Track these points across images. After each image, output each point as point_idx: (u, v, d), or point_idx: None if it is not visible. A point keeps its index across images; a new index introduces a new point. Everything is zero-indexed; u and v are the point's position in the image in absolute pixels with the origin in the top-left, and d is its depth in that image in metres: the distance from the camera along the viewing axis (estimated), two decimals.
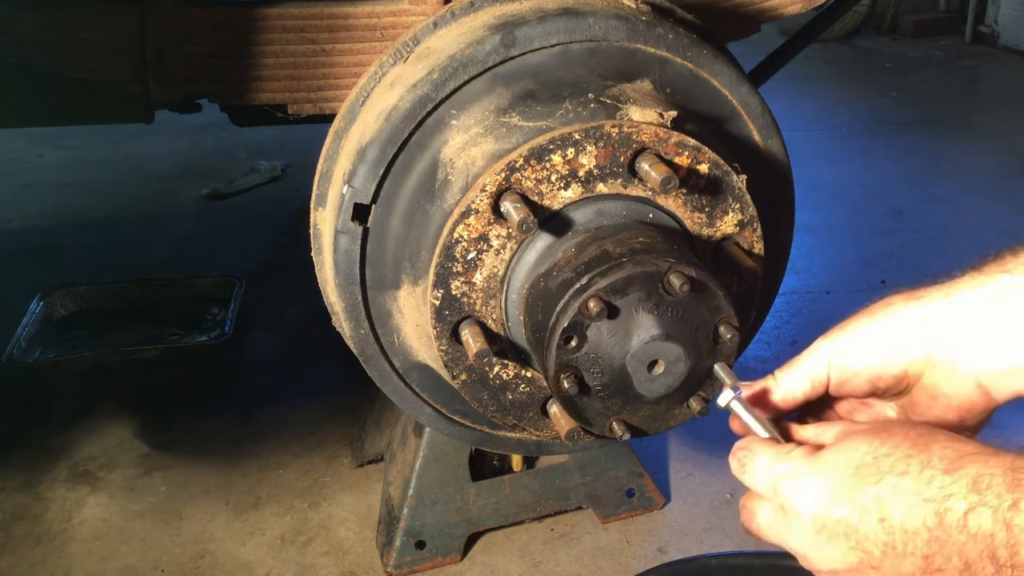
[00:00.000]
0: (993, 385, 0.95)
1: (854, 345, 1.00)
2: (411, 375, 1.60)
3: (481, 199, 1.29)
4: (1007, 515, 0.73)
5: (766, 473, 0.91)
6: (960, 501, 0.76)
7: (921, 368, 0.98)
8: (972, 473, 0.77)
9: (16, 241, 3.65)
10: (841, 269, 3.40)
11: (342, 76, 1.83)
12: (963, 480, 0.77)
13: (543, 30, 1.42)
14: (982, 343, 0.94)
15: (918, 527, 0.78)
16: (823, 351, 1.02)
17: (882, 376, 0.99)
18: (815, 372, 1.02)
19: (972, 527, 0.75)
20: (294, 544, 2.14)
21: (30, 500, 2.27)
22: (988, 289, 0.95)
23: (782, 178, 1.64)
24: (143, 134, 4.48)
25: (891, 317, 0.99)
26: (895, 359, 0.98)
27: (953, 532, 0.76)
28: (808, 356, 1.03)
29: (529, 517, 2.14)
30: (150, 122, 2.09)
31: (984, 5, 6.73)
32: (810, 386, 1.03)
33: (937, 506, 0.77)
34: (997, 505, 0.74)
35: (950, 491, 0.77)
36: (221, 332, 2.86)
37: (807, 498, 0.86)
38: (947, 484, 0.78)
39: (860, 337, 1.00)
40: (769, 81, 2.47)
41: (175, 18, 1.76)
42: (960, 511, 0.76)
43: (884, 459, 0.82)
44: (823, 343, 1.02)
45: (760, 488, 0.92)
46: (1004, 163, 4.45)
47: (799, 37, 2.57)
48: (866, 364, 0.99)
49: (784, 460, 0.90)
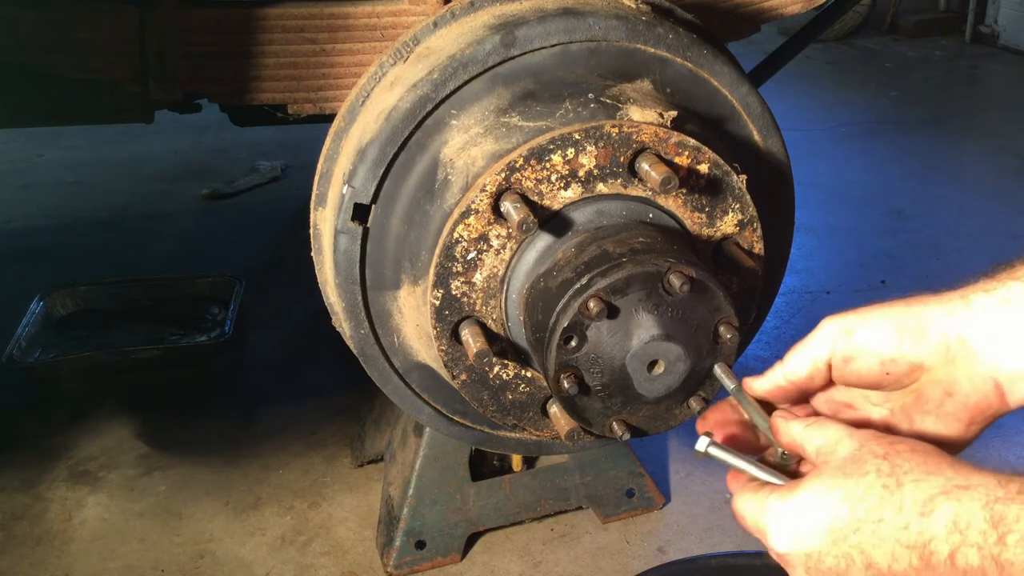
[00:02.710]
0: (1010, 388, 0.95)
1: (869, 325, 0.98)
2: (411, 375, 1.59)
3: (481, 199, 1.29)
4: (994, 550, 0.73)
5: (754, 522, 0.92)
6: (943, 544, 0.77)
7: (938, 361, 0.96)
8: (948, 514, 0.77)
9: (16, 241, 3.65)
10: (841, 269, 3.41)
11: (342, 76, 1.83)
12: (940, 522, 0.77)
13: (543, 30, 1.42)
14: (1001, 344, 0.94)
15: (905, 569, 0.79)
16: (829, 328, 1.00)
17: (896, 361, 0.97)
18: (816, 352, 1.01)
19: (960, 565, 0.75)
20: (294, 544, 2.14)
21: (30, 500, 2.27)
22: (1000, 295, 0.94)
23: (782, 178, 1.64)
24: (143, 134, 4.49)
25: (911, 308, 0.98)
26: (913, 345, 0.96)
27: (941, 569, 0.77)
28: (812, 336, 1.02)
29: (529, 517, 2.14)
30: (150, 122, 2.10)
31: (984, 5, 6.73)
32: (808, 369, 1.02)
33: (920, 551, 0.78)
34: (982, 543, 0.74)
35: (930, 534, 0.77)
36: (221, 332, 2.86)
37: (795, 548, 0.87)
38: (925, 528, 0.78)
39: (876, 319, 0.98)
40: (769, 81, 2.47)
41: (175, 18, 1.76)
42: (944, 553, 0.76)
43: (858, 505, 0.82)
44: (829, 322, 1.00)
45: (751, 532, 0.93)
46: (1004, 163, 4.45)
47: (799, 37, 2.57)
48: (881, 345, 0.97)
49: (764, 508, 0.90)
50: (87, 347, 2.82)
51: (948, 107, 5.51)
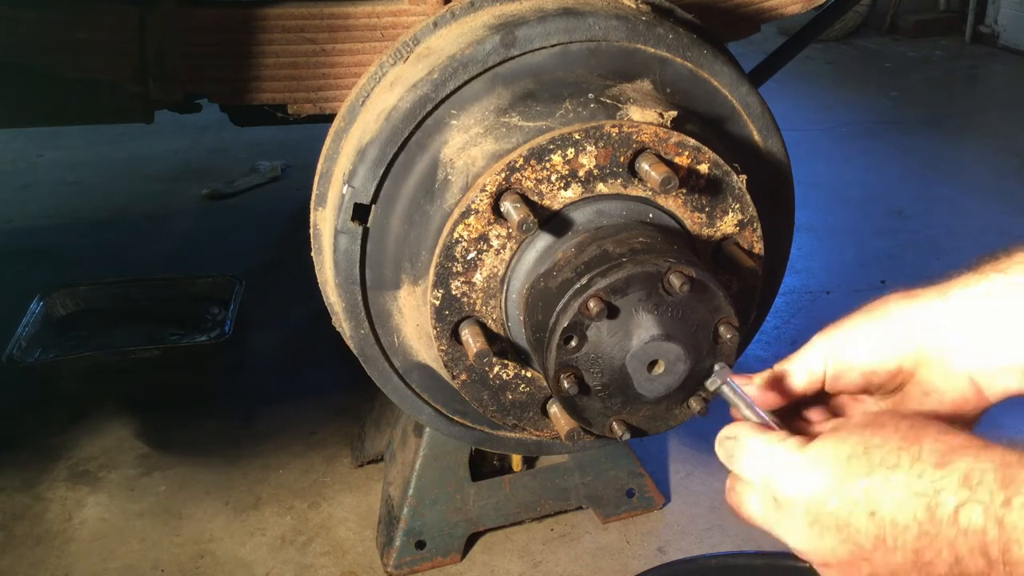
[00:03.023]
0: (986, 383, 0.96)
1: (850, 340, 1.01)
2: (411, 375, 1.59)
3: (481, 199, 1.29)
4: (999, 512, 0.73)
5: (757, 463, 0.90)
6: (951, 496, 0.76)
7: (915, 364, 0.98)
8: (963, 468, 0.77)
9: (16, 241, 3.65)
10: (841, 269, 3.41)
11: (342, 76, 1.83)
12: (954, 475, 0.77)
13: (543, 30, 1.42)
14: (976, 340, 0.95)
15: (908, 521, 0.78)
16: (819, 346, 1.03)
17: (876, 371, 1.00)
18: (812, 367, 1.03)
19: (963, 522, 0.75)
20: (294, 544, 2.14)
21: (30, 500, 2.27)
22: (982, 288, 0.95)
23: (782, 178, 1.64)
24: (143, 134, 4.49)
25: (887, 314, 0.99)
26: (890, 354, 0.98)
27: (944, 527, 0.76)
28: (805, 351, 1.04)
29: (529, 517, 2.14)
30: (150, 122, 2.10)
31: (984, 5, 6.73)
32: (807, 380, 1.03)
33: (928, 500, 0.77)
34: (989, 502, 0.74)
35: (940, 485, 0.77)
36: (221, 332, 2.86)
37: (800, 491, 0.85)
38: (937, 479, 0.77)
39: (856, 332, 1.01)
40: (769, 81, 2.47)
41: (175, 18, 1.76)
42: (951, 506, 0.76)
43: (875, 451, 0.82)
44: (820, 339, 1.03)
45: (750, 478, 0.91)
46: (1004, 163, 4.45)
47: (799, 37, 2.57)
48: (861, 359, 1.00)
49: (775, 450, 0.89)
50: (87, 347, 2.82)
51: (948, 107, 5.51)
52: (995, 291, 0.95)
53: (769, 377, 1.05)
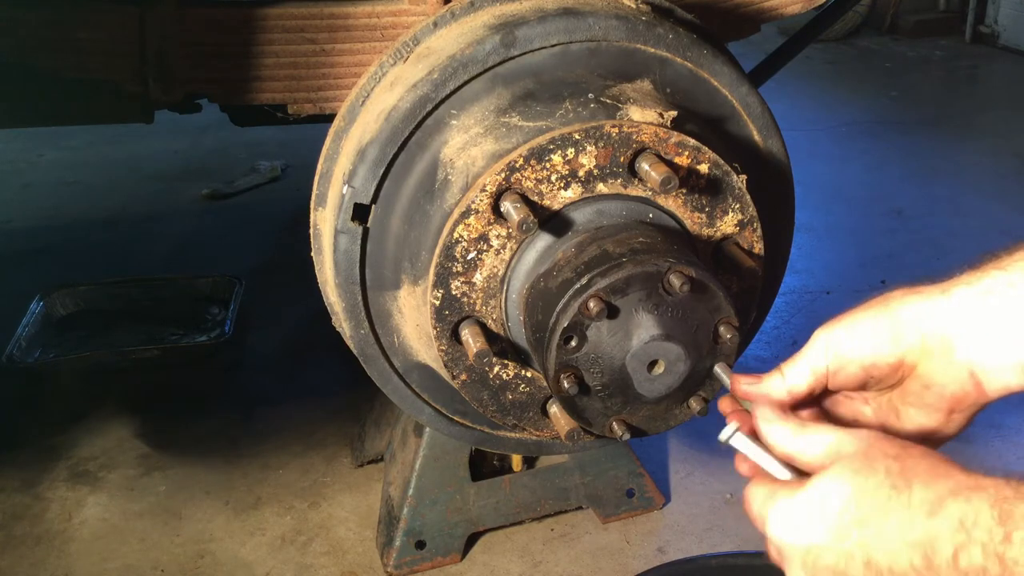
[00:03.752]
0: (986, 378, 0.96)
1: (851, 334, 1.00)
2: (411, 375, 1.59)
3: (481, 199, 1.29)
4: (999, 549, 0.73)
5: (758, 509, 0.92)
6: (947, 543, 0.76)
7: (917, 358, 0.99)
8: (956, 514, 0.76)
9: (16, 241, 3.65)
10: (841, 269, 3.41)
11: (342, 76, 1.83)
12: (947, 522, 0.77)
13: (543, 30, 1.42)
14: (978, 336, 0.95)
15: (905, 569, 0.78)
16: (820, 341, 1.03)
17: (877, 364, 1.00)
18: (815, 363, 1.03)
19: (963, 565, 0.75)
20: (294, 544, 2.14)
21: (30, 500, 2.27)
22: (984, 285, 0.96)
23: (782, 178, 1.64)
24: (143, 134, 4.48)
25: (889, 308, 1.00)
26: (891, 348, 0.99)
27: (943, 571, 0.76)
28: (808, 348, 1.04)
29: (529, 517, 2.14)
30: (150, 122, 2.09)
31: (984, 5, 6.73)
32: (812, 378, 1.03)
33: (923, 549, 0.77)
34: (987, 541, 0.74)
35: (935, 533, 0.77)
36: (221, 332, 2.86)
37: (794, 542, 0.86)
38: (931, 527, 0.77)
39: (857, 326, 1.00)
40: (769, 81, 2.47)
41: (175, 18, 1.76)
42: (948, 552, 0.76)
43: (865, 502, 0.82)
44: (821, 333, 1.03)
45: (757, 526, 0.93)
46: (1004, 163, 4.45)
47: (799, 37, 2.57)
48: (862, 352, 1.00)
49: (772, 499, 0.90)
50: (87, 347, 2.82)
51: (948, 107, 5.51)
52: (996, 288, 0.95)
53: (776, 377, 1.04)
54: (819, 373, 1.03)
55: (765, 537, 0.91)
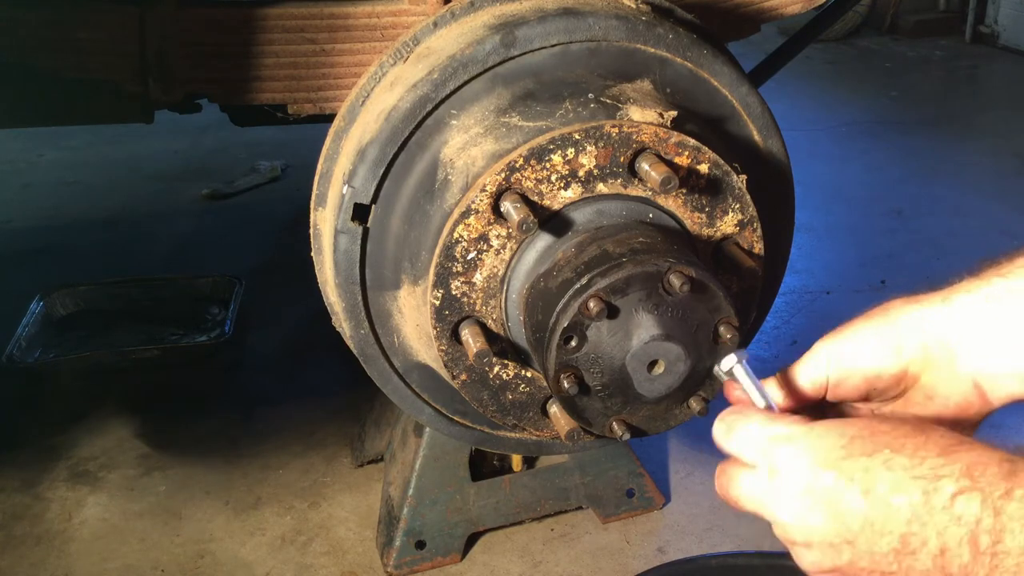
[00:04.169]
0: (990, 387, 0.96)
1: (852, 345, 1.00)
2: (411, 375, 1.59)
3: (481, 199, 1.29)
4: (998, 503, 0.74)
5: (757, 435, 0.91)
6: (951, 484, 0.76)
7: (919, 369, 0.98)
8: (967, 460, 0.77)
9: (16, 241, 3.65)
10: (841, 269, 3.40)
11: (342, 76, 1.83)
12: (957, 464, 0.77)
13: (543, 30, 1.42)
14: (980, 345, 0.95)
15: (902, 503, 0.78)
16: (822, 353, 1.02)
17: (880, 376, 0.99)
18: (815, 374, 1.02)
19: (958, 510, 0.75)
20: (294, 544, 2.14)
21: (30, 500, 2.27)
22: (984, 293, 0.95)
23: (782, 178, 1.64)
24: (143, 134, 4.48)
25: (890, 319, 0.99)
26: (893, 359, 0.98)
27: (937, 513, 0.76)
28: (808, 358, 1.03)
29: (529, 517, 2.14)
30: (150, 122, 2.09)
31: (984, 5, 6.73)
32: (811, 387, 1.03)
33: (926, 484, 0.77)
34: (989, 491, 0.74)
35: (942, 472, 0.77)
36: (221, 332, 2.86)
37: (798, 460, 0.86)
38: (940, 466, 0.78)
39: (859, 338, 1.00)
40: (769, 81, 2.47)
41: (175, 18, 1.76)
42: (948, 493, 0.76)
43: (881, 434, 0.83)
44: (821, 345, 1.03)
45: (747, 452, 0.91)
46: (1004, 163, 4.45)
47: (799, 37, 2.57)
48: (864, 364, 0.99)
49: (777, 424, 0.90)
50: (87, 347, 2.82)
51: (948, 107, 5.51)
52: (997, 296, 0.95)
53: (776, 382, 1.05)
54: (818, 384, 1.03)
55: (747, 461, 0.91)
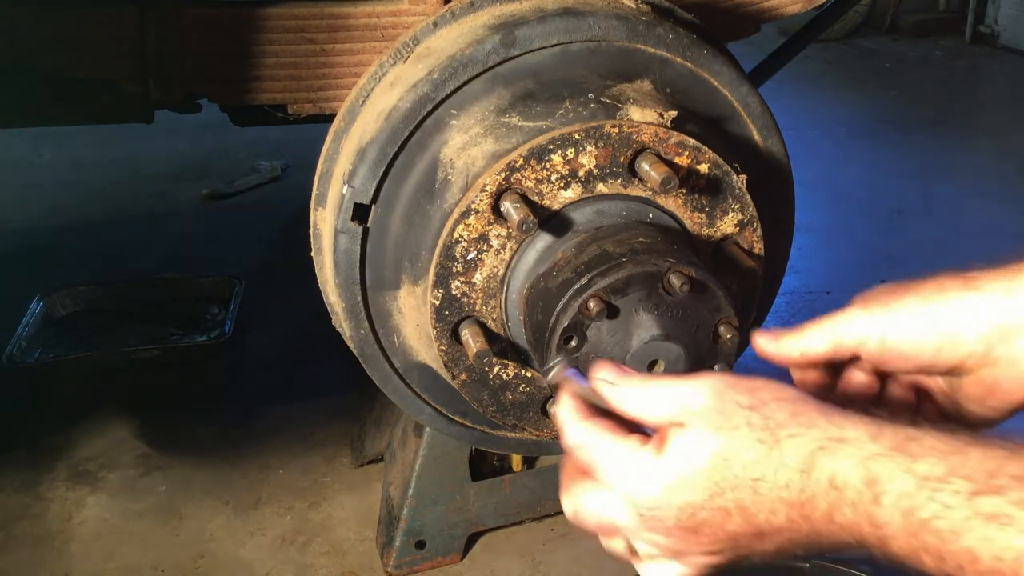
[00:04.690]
0: None
1: (904, 327, 0.94)
2: (411, 375, 1.59)
3: (481, 199, 1.29)
4: (870, 509, 0.73)
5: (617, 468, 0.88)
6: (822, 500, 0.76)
7: (979, 362, 0.92)
8: (827, 471, 0.76)
9: (16, 241, 3.65)
10: (841, 269, 3.40)
11: (342, 76, 1.82)
12: (820, 481, 0.76)
13: (543, 30, 1.42)
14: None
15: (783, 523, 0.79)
16: (860, 323, 0.96)
17: (936, 365, 0.94)
18: (843, 339, 0.97)
19: (838, 520, 0.76)
20: (294, 544, 2.14)
21: (30, 500, 2.27)
22: None
23: (782, 178, 1.64)
24: (143, 134, 4.45)
25: (948, 303, 0.93)
26: (952, 349, 0.92)
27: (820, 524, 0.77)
28: (840, 321, 0.97)
29: (529, 517, 2.13)
30: (150, 122, 2.09)
31: (984, 5, 6.73)
32: (833, 350, 0.97)
33: (801, 508, 0.78)
34: (858, 500, 0.74)
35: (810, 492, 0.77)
36: (221, 332, 2.86)
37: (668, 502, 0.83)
38: (806, 486, 0.77)
39: (912, 319, 0.93)
40: (769, 81, 2.47)
41: (175, 18, 1.76)
42: (823, 508, 0.76)
43: (735, 462, 0.80)
44: (862, 314, 0.96)
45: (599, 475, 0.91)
46: (1004, 163, 4.45)
47: (799, 37, 2.57)
48: (919, 350, 0.93)
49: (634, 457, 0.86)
50: (87, 347, 2.82)
51: (948, 107, 5.51)
52: None
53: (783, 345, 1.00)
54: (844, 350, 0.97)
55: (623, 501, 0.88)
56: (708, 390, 0.84)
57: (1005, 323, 0.91)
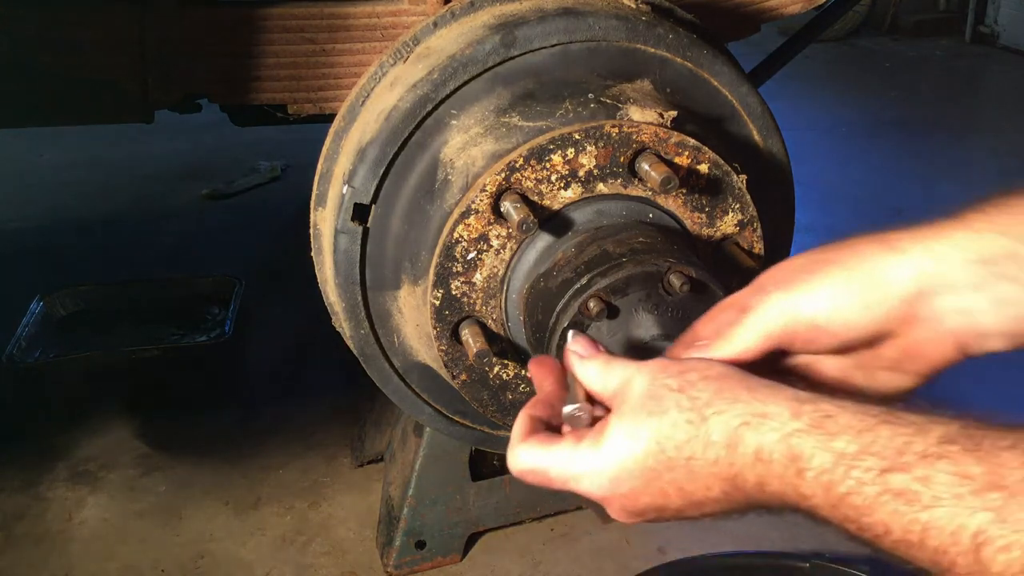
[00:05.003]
0: (972, 345, 0.90)
1: (823, 299, 0.91)
2: (411, 375, 1.59)
3: (481, 199, 1.29)
4: (795, 482, 0.77)
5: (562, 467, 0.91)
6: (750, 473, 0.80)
7: (899, 325, 0.91)
8: (752, 445, 0.79)
9: (16, 241, 3.65)
10: None
11: (342, 76, 1.83)
12: (746, 456, 0.80)
13: (543, 30, 1.42)
14: (966, 303, 0.88)
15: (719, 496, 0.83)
16: (784, 307, 0.92)
17: (857, 337, 0.92)
18: (771, 332, 0.93)
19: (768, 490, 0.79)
20: (294, 544, 2.14)
21: (30, 500, 2.27)
22: (973, 245, 0.89)
23: (782, 178, 1.64)
24: (143, 134, 4.47)
25: (866, 267, 0.91)
26: (872, 316, 0.90)
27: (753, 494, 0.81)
28: (763, 314, 0.93)
29: (529, 517, 2.13)
30: (150, 122, 2.09)
31: (984, 5, 6.73)
32: (765, 343, 0.93)
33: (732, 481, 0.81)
34: (783, 474, 0.77)
35: (739, 466, 0.81)
36: (221, 332, 2.85)
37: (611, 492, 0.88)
38: (734, 460, 0.81)
39: (830, 289, 0.91)
40: (769, 81, 2.47)
41: (175, 18, 1.76)
42: (753, 481, 0.80)
43: (668, 444, 0.84)
44: (784, 298, 0.92)
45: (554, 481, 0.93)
46: (1004, 163, 4.45)
47: (799, 37, 2.57)
48: (839, 321, 0.91)
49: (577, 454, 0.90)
50: (87, 347, 2.81)
51: (948, 107, 5.51)
52: (988, 251, 0.88)
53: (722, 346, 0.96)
54: (774, 337, 0.93)
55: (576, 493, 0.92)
56: (646, 375, 0.89)
57: (927, 283, 0.89)
